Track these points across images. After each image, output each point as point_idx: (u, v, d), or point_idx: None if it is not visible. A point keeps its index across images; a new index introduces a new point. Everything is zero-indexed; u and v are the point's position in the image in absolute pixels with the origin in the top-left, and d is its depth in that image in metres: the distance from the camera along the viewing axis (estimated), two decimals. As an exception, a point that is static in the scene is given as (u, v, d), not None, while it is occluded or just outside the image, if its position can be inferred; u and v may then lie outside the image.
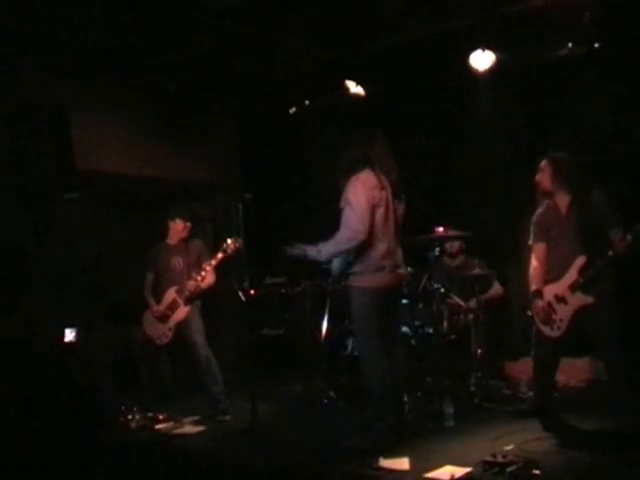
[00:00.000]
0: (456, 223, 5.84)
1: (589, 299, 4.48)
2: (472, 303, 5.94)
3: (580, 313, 4.53)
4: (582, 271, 4.49)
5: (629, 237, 4.29)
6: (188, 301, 5.81)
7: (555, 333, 4.65)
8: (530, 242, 4.91)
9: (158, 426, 5.39)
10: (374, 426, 4.46)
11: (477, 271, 5.95)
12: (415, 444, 4.50)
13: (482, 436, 4.61)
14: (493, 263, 6.38)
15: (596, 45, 5.53)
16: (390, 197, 4.61)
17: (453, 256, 6.48)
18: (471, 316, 5.93)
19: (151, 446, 4.98)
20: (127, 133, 7.04)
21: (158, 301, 5.95)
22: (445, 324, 5.78)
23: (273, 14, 5.79)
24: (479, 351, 5.78)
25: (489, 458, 3.89)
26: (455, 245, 6.42)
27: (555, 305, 4.63)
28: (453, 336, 5.83)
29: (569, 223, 4.62)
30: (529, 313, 4.91)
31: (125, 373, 6.71)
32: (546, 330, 4.69)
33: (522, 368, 6.00)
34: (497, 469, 3.78)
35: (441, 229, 5.85)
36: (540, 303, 4.71)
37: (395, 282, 4.67)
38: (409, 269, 5.67)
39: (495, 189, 6.62)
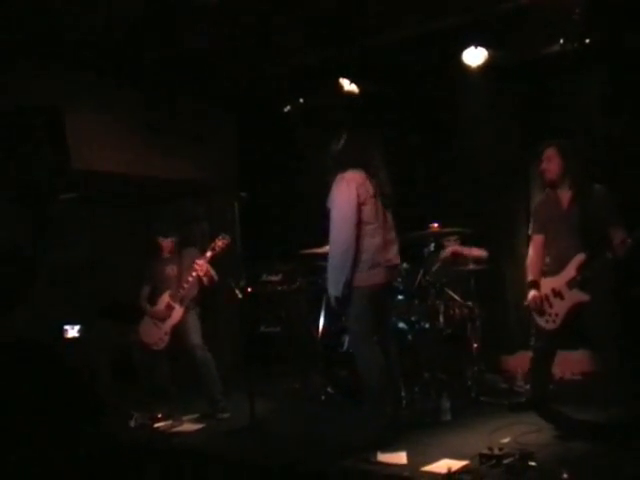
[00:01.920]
0: (451, 219, 5.89)
1: (585, 297, 4.47)
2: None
3: (576, 309, 4.53)
4: (580, 268, 4.47)
5: (629, 241, 4.28)
6: (183, 302, 5.87)
7: (550, 326, 4.66)
8: (529, 232, 4.90)
9: (157, 425, 5.42)
10: (372, 421, 4.49)
11: (472, 266, 5.99)
12: (412, 438, 4.54)
13: (479, 429, 4.66)
14: (488, 257, 6.43)
15: (587, 41, 5.55)
16: (378, 191, 4.59)
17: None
18: (466, 311, 5.99)
19: (150, 445, 5.01)
20: (123, 133, 7.04)
21: (153, 305, 6.09)
22: (441, 319, 5.82)
23: (267, 12, 5.81)
24: (475, 345, 5.83)
25: (486, 451, 3.94)
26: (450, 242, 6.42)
27: (552, 299, 4.63)
28: (449, 331, 5.87)
29: (570, 218, 4.58)
30: (526, 303, 4.89)
31: (123, 371, 6.73)
32: (541, 322, 4.71)
33: (518, 362, 6.05)
34: (493, 462, 3.83)
35: (436, 225, 5.91)
36: (534, 294, 4.71)
37: (390, 278, 4.70)
38: (405, 265, 5.75)
39: (489, 184, 6.66)
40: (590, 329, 4.58)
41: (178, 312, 5.87)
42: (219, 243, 5.72)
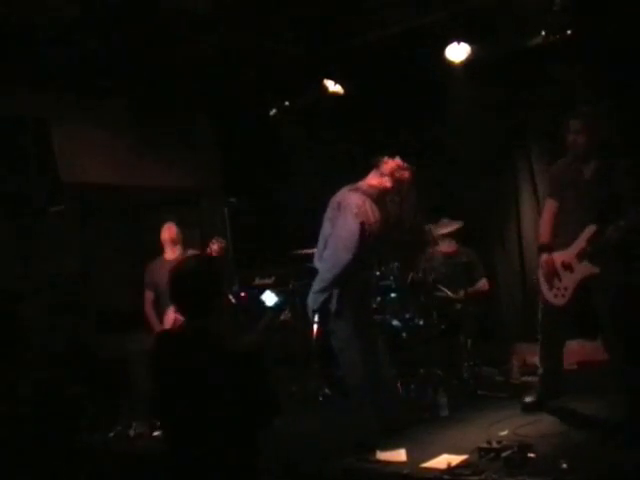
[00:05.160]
0: (439, 213, 5.91)
1: (594, 269, 4.35)
2: (461, 293, 6.02)
3: (585, 283, 4.41)
4: (591, 240, 4.33)
5: (622, 223, 4.21)
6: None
7: (559, 300, 4.53)
8: (547, 194, 4.76)
9: (155, 433, 5.40)
10: (369, 420, 4.50)
11: (468, 258, 6.04)
12: (411, 435, 4.56)
13: (477, 423, 4.68)
14: (479, 251, 6.46)
15: (568, 32, 5.57)
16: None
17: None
18: (459, 306, 6.01)
19: (149, 454, 4.99)
20: (110, 144, 7.03)
21: (161, 320, 5.91)
22: (434, 315, 5.83)
23: (250, 17, 5.81)
24: (469, 340, 5.85)
25: (484, 444, 3.95)
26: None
27: (561, 272, 4.50)
28: (443, 326, 5.88)
29: (589, 189, 4.42)
30: (534, 278, 4.80)
31: (118, 382, 6.70)
32: (550, 296, 4.57)
33: (514, 354, 6.07)
34: (492, 455, 3.84)
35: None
36: (547, 257, 4.55)
37: (368, 278, 4.74)
38: (396, 263, 5.76)
39: (478, 179, 6.68)
40: (597, 307, 4.44)
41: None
42: (214, 247, 5.58)
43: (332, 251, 4.51)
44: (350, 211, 4.47)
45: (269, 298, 4.48)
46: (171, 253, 5.97)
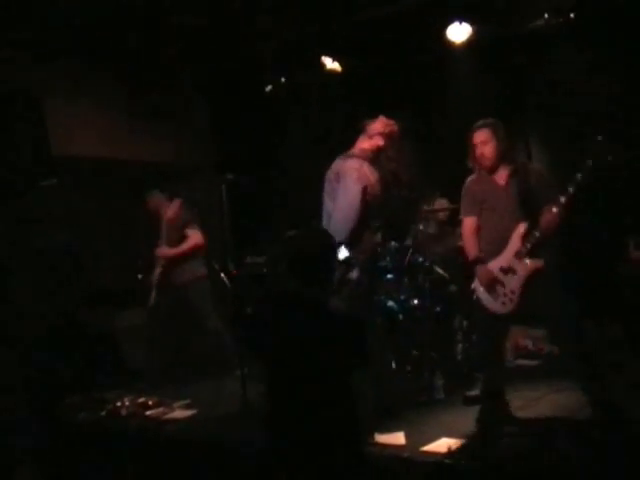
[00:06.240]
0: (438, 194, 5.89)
1: (539, 262, 4.17)
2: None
3: (531, 280, 4.21)
4: (524, 238, 4.18)
5: (554, 208, 4.03)
6: (165, 268, 6.18)
7: (507, 308, 4.29)
8: (460, 216, 4.56)
9: (148, 412, 5.36)
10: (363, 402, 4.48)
11: (460, 242, 5.99)
12: (408, 418, 4.55)
13: (473, 406, 4.66)
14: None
15: (572, 15, 5.52)
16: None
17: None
18: (455, 287, 5.99)
19: (143, 433, 4.96)
20: (102, 117, 6.93)
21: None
22: (430, 297, 5.80)
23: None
24: (465, 322, 5.84)
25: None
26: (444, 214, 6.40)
27: (502, 278, 4.28)
28: (438, 308, 5.86)
29: (508, 193, 4.28)
30: (473, 290, 4.49)
31: (108, 358, 6.66)
32: (496, 306, 4.33)
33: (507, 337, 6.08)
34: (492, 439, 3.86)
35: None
36: (483, 268, 4.34)
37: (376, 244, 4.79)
38: (394, 243, 5.73)
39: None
40: (543, 308, 4.30)
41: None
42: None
43: (336, 220, 4.46)
44: (350, 177, 4.44)
45: (341, 252, 4.50)
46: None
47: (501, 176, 4.34)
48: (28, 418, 5.16)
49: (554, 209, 4.03)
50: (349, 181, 4.42)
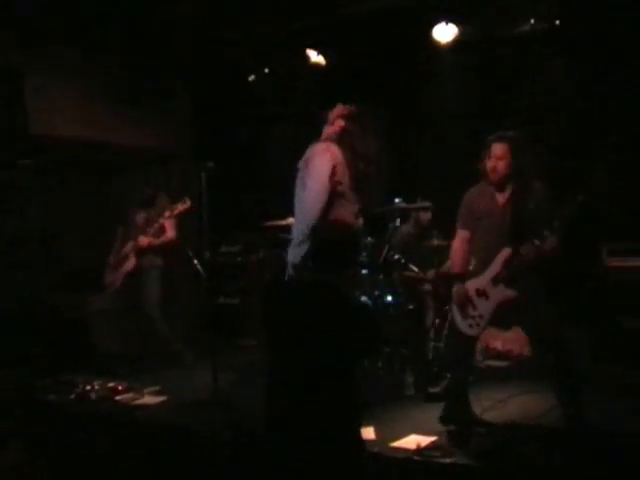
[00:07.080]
0: (419, 194, 5.92)
1: (511, 293, 4.12)
2: (430, 273, 6.05)
3: (502, 308, 4.17)
4: (506, 263, 4.11)
5: (537, 242, 3.97)
6: (138, 255, 6.17)
7: (473, 331, 4.30)
8: (457, 225, 4.46)
9: (118, 397, 5.33)
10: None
11: (436, 242, 6.04)
12: (378, 413, 4.55)
13: (442, 404, 4.72)
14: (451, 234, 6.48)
15: (557, 22, 5.58)
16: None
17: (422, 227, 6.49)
18: (428, 286, 6.04)
19: (113, 418, 4.93)
20: (81, 98, 6.86)
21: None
22: (403, 294, 5.85)
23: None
24: (437, 321, 5.89)
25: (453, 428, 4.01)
26: (426, 216, 6.43)
27: (475, 300, 4.24)
28: (411, 306, 5.91)
29: (503, 216, 4.21)
30: (446, 308, 4.57)
31: (79, 342, 6.61)
32: (464, 327, 4.31)
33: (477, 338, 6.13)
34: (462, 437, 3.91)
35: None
36: (459, 288, 4.29)
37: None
38: (369, 239, 5.76)
39: (456, 161, 6.67)
40: (526, 329, 4.36)
41: (131, 262, 6.19)
42: (179, 206, 5.98)
43: (308, 199, 4.52)
44: (318, 156, 4.55)
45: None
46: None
47: (504, 195, 4.24)
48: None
49: (536, 242, 3.98)
50: (317, 160, 4.54)
